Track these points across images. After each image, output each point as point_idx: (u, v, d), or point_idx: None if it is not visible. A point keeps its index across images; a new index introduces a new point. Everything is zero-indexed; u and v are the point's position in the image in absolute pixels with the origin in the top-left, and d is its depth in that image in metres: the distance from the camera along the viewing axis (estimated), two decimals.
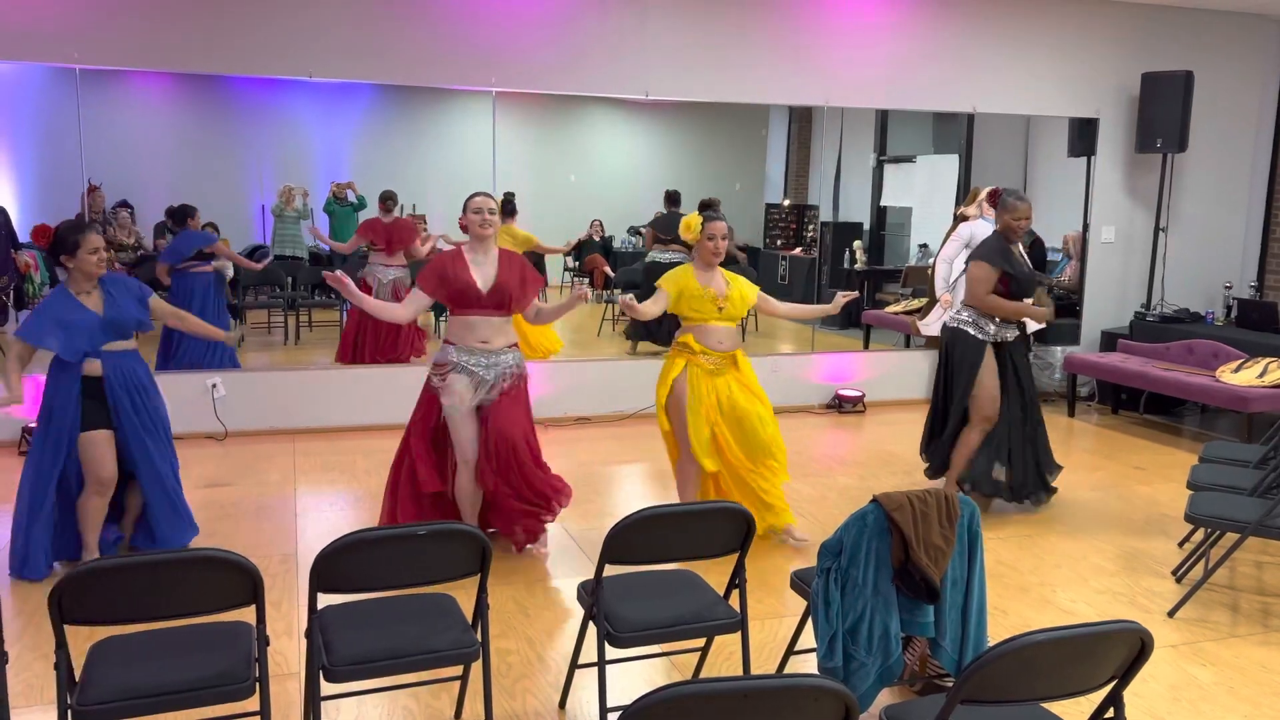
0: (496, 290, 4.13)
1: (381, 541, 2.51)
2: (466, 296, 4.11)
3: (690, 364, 4.48)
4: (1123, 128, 7.86)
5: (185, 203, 6.83)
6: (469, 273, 4.13)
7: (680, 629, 2.75)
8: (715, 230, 4.41)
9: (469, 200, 4.20)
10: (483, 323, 4.16)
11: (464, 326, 4.16)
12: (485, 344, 4.17)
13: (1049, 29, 7.57)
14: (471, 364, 4.15)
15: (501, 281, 4.14)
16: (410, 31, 6.31)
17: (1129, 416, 7.43)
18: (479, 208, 4.16)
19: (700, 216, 4.46)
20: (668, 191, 8.18)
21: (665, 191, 8.19)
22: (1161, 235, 7.86)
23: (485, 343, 4.17)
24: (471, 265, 4.14)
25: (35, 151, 7.35)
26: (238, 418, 6.27)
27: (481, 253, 4.18)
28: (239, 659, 2.42)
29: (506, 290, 4.14)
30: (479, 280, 4.12)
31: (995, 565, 4.32)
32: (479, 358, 4.16)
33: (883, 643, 2.63)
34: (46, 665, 3.24)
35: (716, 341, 4.46)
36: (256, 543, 4.40)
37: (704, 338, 4.46)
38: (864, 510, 2.65)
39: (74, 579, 2.24)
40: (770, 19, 6.97)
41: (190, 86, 7.59)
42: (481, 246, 4.18)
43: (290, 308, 7.96)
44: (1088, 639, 1.97)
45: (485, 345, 4.17)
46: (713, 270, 4.49)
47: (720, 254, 4.43)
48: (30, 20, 5.71)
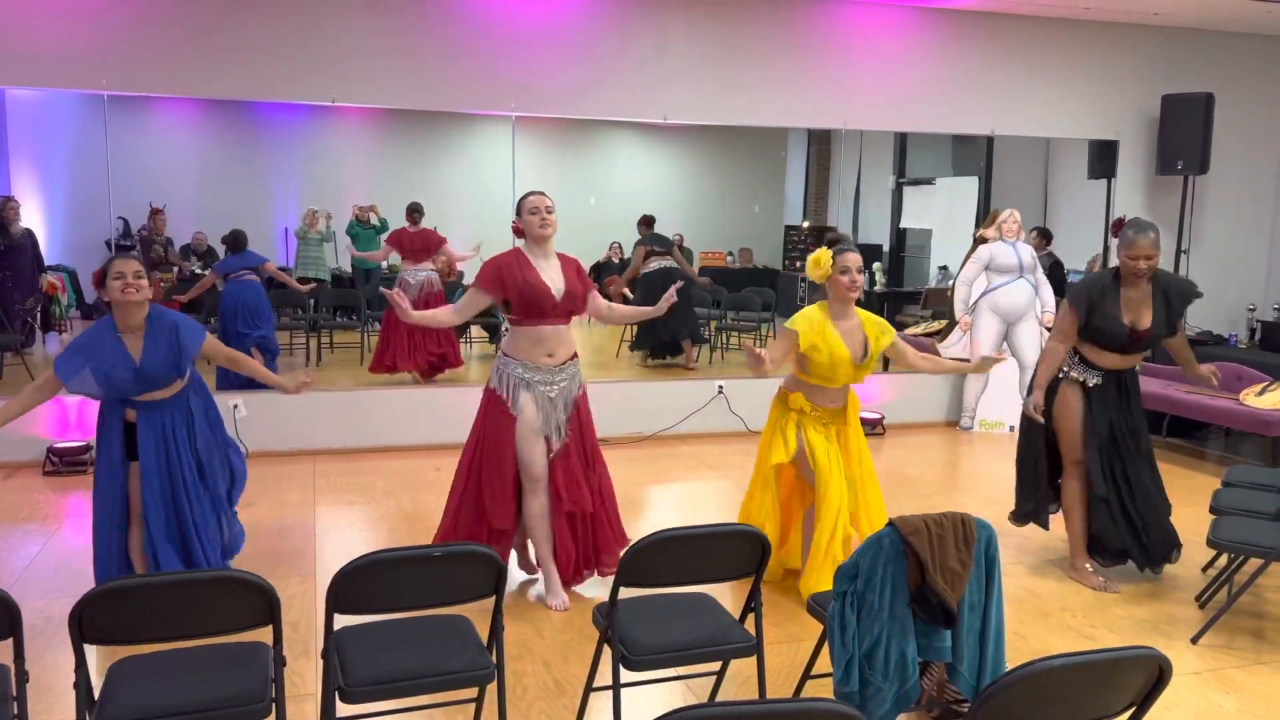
0: (569, 296, 3.85)
1: (398, 563, 2.52)
2: (540, 304, 3.78)
3: (802, 423, 4.00)
4: (1143, 150, 7.84)
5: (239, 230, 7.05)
6: (538, 275, 3.79)
7: (696, 652, 2.74)
8: (850, 262, 3.86)
9: (524, 200, 3.90)
10: (553, 334, 3.86)
11: (532, 340, 3.84)
12: (552, 357, 3.88)
13: (1068, 51, 7.57)
14: (537, 380, 3.86)
15: (571, 287, 3.86)
16: (432, 57, 6.39)
17: (1151, 440, 7.35)
18: (535, 206, 3.85)
19: (830, 251, 3.91)
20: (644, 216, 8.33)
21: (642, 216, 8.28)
22: (1183, 257, 7.81)
23: (552, 356, 3.88)
24: (539, 269, 3.81)
25: (64, 175, 7.48)
26: (259, 438, 6.32)
27: (543, 256, 3.86)
28: (256, 679, 2.43)
29: (576, 295, 3.87)
30: (553, 286, 3.80)
31: (1014, 590, 4.28)
32: (545, 374, 3.87)
33: (899, 667, 2.61)
34: (66, 685, 3.27)
35: (831, 400, 3.99)
36: (276, 563, 4.42)
37: (817, 396, 3.97)
38: (880, 534, 2.64)
39: (94, 598, 2.27)
40: (788, 42, 7.01)
41: (216, 111, 7.72)
42: (542, 250, 3.86)
43: (312, 329, 8.04)
44: (1105, 665, 1.96)
45: (551, 360, 3.88)
46: (849, 311, 3.95)
47: (858, 290, 3.90)
48: (62, 48, 5.82)
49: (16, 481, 5.66)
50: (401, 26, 6.33)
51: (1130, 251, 3.99)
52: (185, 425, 3.81)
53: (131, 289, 3.55)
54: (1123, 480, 4.24)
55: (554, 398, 3.90)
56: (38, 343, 7.30)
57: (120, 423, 3.77)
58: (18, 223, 6.75)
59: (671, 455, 6.56)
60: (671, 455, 6.56)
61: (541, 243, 3.87)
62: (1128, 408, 4.25)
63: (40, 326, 7.28)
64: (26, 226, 6.85)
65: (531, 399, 3.86)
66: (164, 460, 3.75)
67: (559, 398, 3.92)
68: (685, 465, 6.32)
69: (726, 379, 7.27)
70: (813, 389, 3.99)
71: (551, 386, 3.89)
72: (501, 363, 3.92)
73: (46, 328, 7.39)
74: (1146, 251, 3.96)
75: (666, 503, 5.59)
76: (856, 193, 8.62)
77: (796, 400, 4.02)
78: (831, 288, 3.95)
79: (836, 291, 3.93)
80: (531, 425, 3.87)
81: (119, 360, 3.58)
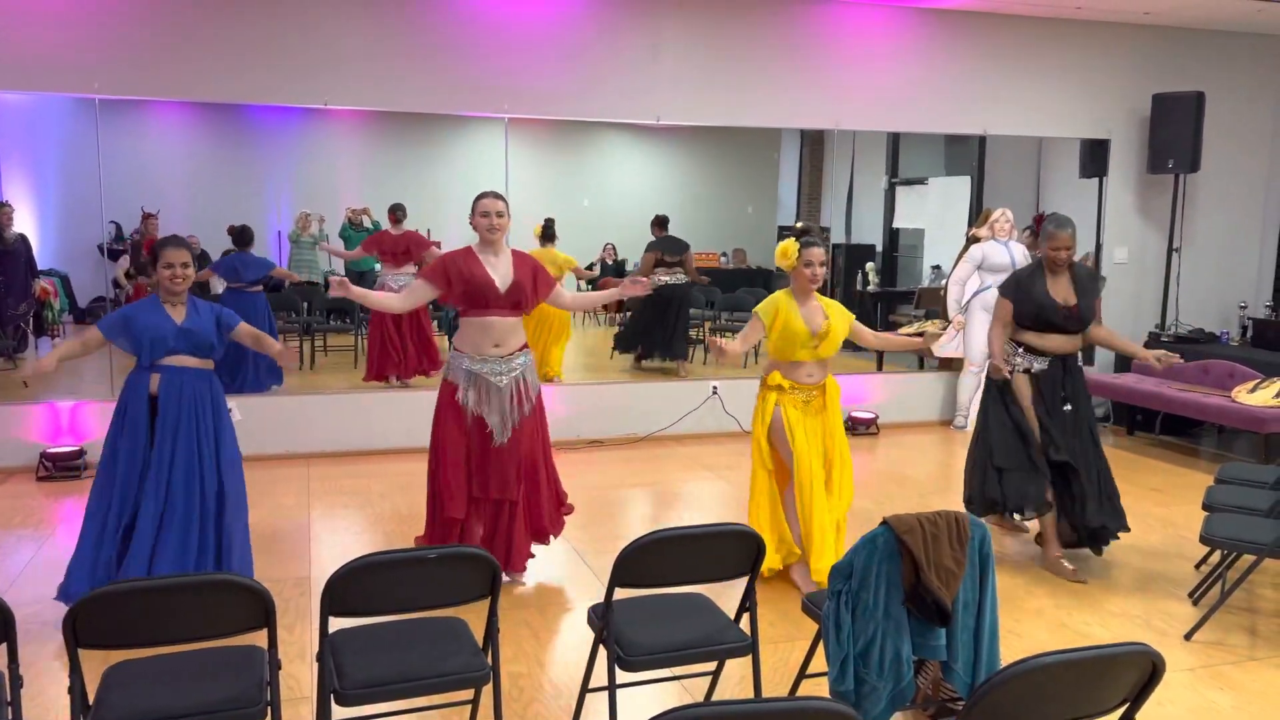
0: (515, 288, 4.01)
1: (393, 565, 2.52)
2: (484, 295, 3.98)
3: (781, 401, 4.29)
4: (1134, 149, 7.86)
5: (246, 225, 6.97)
6: (484, 270, 4.00)
7: (691, 652, 2.74)
8: (813, 257, 4.23)
9: (477, 201, 4.06)
10: (499, 324, 4.03)
11: (479, 330, 4.03)
12: (499, 348, 4.05)
13: (1059, 51, 7.60)
14: (485, 371, 4.03)
15: (519, 279, 4.03)
16: (424, 60, 6.39)
17: (1144, 438, 7.38)
18: (487, 210, 4.02)
19: (797, 242, 4.29)
20: (658, 216, 8.20)
21: (655, 216, 8.20)
22: (1175, 256, 7.84)
23: (499, 346, 4.04)
24: (487, 265, 4.02)
25: (56, 180, 7.46)
26: (253, 442, 6.30)
27: (493, 253, 4.06)
28: (251, 683, 2.43)
29: (523, 288, 4.03)
30: (496, 278, 4.00)
31: (1008, 588, 4.29)
32: (493, 364, 4.04)
33: (894, 666, 2.62)
34: (60, 689, 3.26)
35: (806, 375, 4.29)
36: (271, 566, 4.41)
37: (792, 373, 4.30)
38: (874, 533, 2.65)
39: (88, 603, 2.26)
40: (780, 43, 7.02)
41: (208, 115, 7.70)
42: (491, 248, 4.06)
43: (306, 332, 8.03)
44: (1098, 661, 1.96)
45: (499, 350, 4.05)
46: (811, 299, 4.33)
47: (818, 281, 4.26)
48: (52, 52, 5.81)
49: (10, 487, 5.64)
50: (394, 29, 6.33)
51: (1053, 244, 4.48)
52: (210, 402, 3.88)
53: (179, 279, 3.79)
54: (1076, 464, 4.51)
55: (503, 387, 4.05)
56: (30, 348, 7.28)
57: (146, 394, 3.79)
58: (11, 228, 6.73)
59: (666, 456, 6.57)
60: (666, 456, 6.57)
61: (490, 243, 4.06)
62: (1074, 396, 4.58)
63: (33, 332, 7.26)
64: (20, 232, 6.83)
65: (472, 392, 4.04)
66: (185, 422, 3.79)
67: (509, 387, 4.06)
68: (680, 465, 6.32)
69: (721, 379, 7.27)
70: (784, 366, 4.31)
71: (501, 376, 4.04)
72: (453, 356, 4.10)
73: (39, 333, 7.36)
74: (1066, 243, 4.47)
75: (661, 503, 5.60)
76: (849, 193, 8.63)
77: (774, 378, 4.32)
78: (795, 278, 4.30)
79: (799, 282, 4.30)
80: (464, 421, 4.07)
81: (163, 320, 3.80)
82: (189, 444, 3.81)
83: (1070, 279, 4.53)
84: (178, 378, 3.81)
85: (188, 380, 3.83)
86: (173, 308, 3.83)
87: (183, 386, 3.81)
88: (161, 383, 3.79)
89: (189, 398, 3.82)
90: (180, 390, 3.81)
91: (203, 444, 3.84)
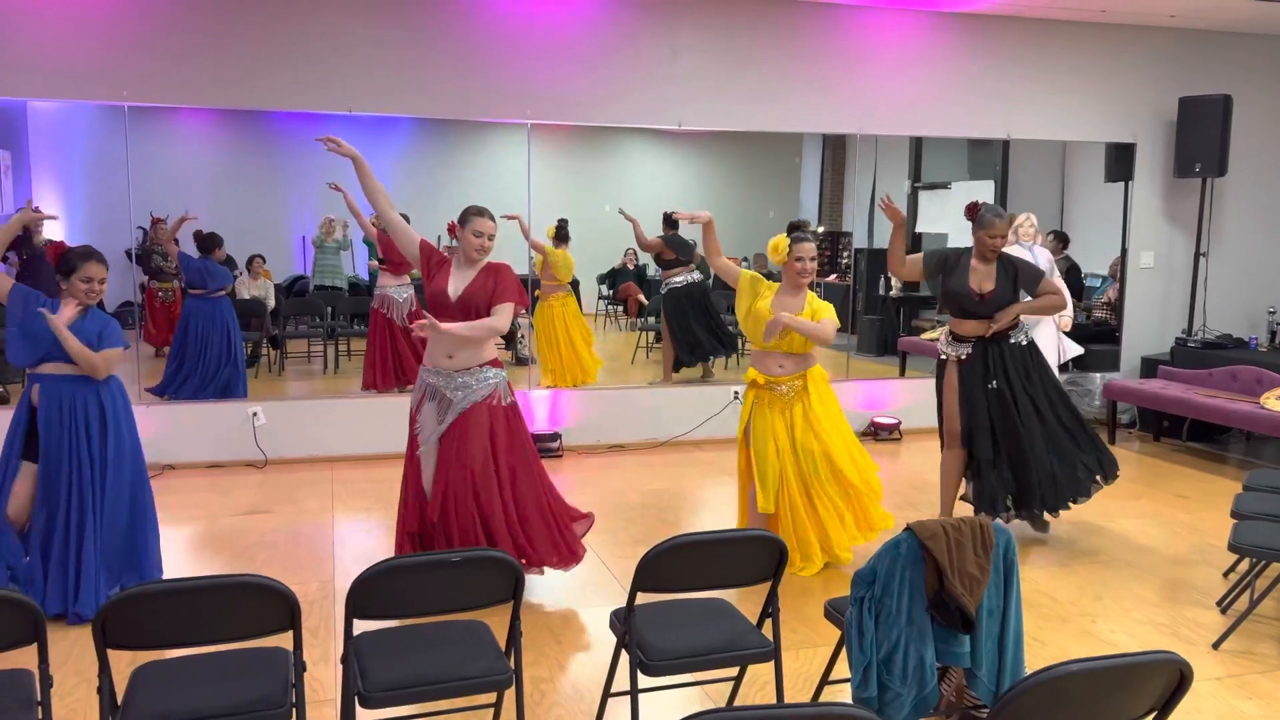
0: (464, 299, 3.96)
1: (416, 568, 2.54)
2: (436, 302, 3.98)
3: (757, 400, 4.42)
4: (1161, 152, 7.79)
5: (214, 232, 6.95)
6: (446, 280, 4.01)
7: (713, 658, 2.74)
8: (804, 251, 4.33)
9: (473, 218, 4.02)
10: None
11: (434, 339, 3.99)
12: (451, 359, 3.98)
13: (1084, 54, 7.55)
14: (440, 384, 4.00)
15: (471, 289, 3.96)
16: (447, 67, 6.43)
17: (1171, 444, 7.31)
18: (479, 230, 4.00)
19: (788, 237, 4.38)
20: (666, 214, 8.16)
21: (664, 214, 8.16)
22: (1202, 260, 7.76)
23: (451, 358, 3.98)
24: (452, 275, 4.02)
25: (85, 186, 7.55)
26: (277, 445, 6.36)
27: (467, 266, 4.05)
28: (276, 684, 2.45)
29: (474, 300, 3.96)
30: (451, 287, 3.99)
31: (1033, 595, 4.25)
32: (445, 377, 3.99)
33: (917, 673, 2.60)
34: (89, 689, 3.30)
35: (777, 366, 4.38)
36: (294, 569, 4.45)
37: (761, 363, 4.41)
38: (897, 539, 2.64)
39: (118, 604, 2.29)
40: (803, 48, 7.01)
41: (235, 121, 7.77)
42: (469, 263, 4.05)
43: (329, 337, 8.08)
44: (1125, 670, 1.95)
45: (450, 362, 3.98)
46: (799, 293, 4.40)
47: (809, 276, 4.36)
48: (83, 60, 5.89)
49: None
50: (417, 36, 6.37)
51: (989, 231, 4.65)
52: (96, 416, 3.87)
53: (95, 294, 3.84)
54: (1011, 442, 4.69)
55: (455, 402, 3.99)
56: None
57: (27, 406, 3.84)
58: (40, 234, 6.81)
59: (687, 461, 6.56)
60: (687, 461, 6.56)
61: (471, 262, 4.05)
62: (1026, 377, 4.73)
63: None
64: (49, 238, 6.91)
65: (430, 410, 4.02)
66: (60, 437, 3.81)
67: (461, 402, 3.98)
68: (701, 471, 6.32)
69: (742, 385, 7.25)
70: (755, 355, 4.44)
71: (455, 391, 3.98)
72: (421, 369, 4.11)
73: None
74: (1002, 232, 4.66)
75: (682, 508, 5.59)
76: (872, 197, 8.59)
77: (750, 373, 4.45)
78: (785, 272, 4.42)
79: (789, 276, 4.41)
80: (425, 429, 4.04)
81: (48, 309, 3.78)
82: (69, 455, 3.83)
83: (997, 269, 4.71)
84: (56, 388, 3.82)
85: (66, 390, 3.83)
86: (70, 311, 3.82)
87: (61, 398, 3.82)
88: (41, 393, 3.83)
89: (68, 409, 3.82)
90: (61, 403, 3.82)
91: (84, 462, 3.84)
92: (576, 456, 6.67)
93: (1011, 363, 4.73)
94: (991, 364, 4.72)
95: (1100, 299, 8.29)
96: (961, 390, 4.76)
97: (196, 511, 5.33)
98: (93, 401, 3.87)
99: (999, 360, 4.73)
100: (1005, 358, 4.73)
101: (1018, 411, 4.68)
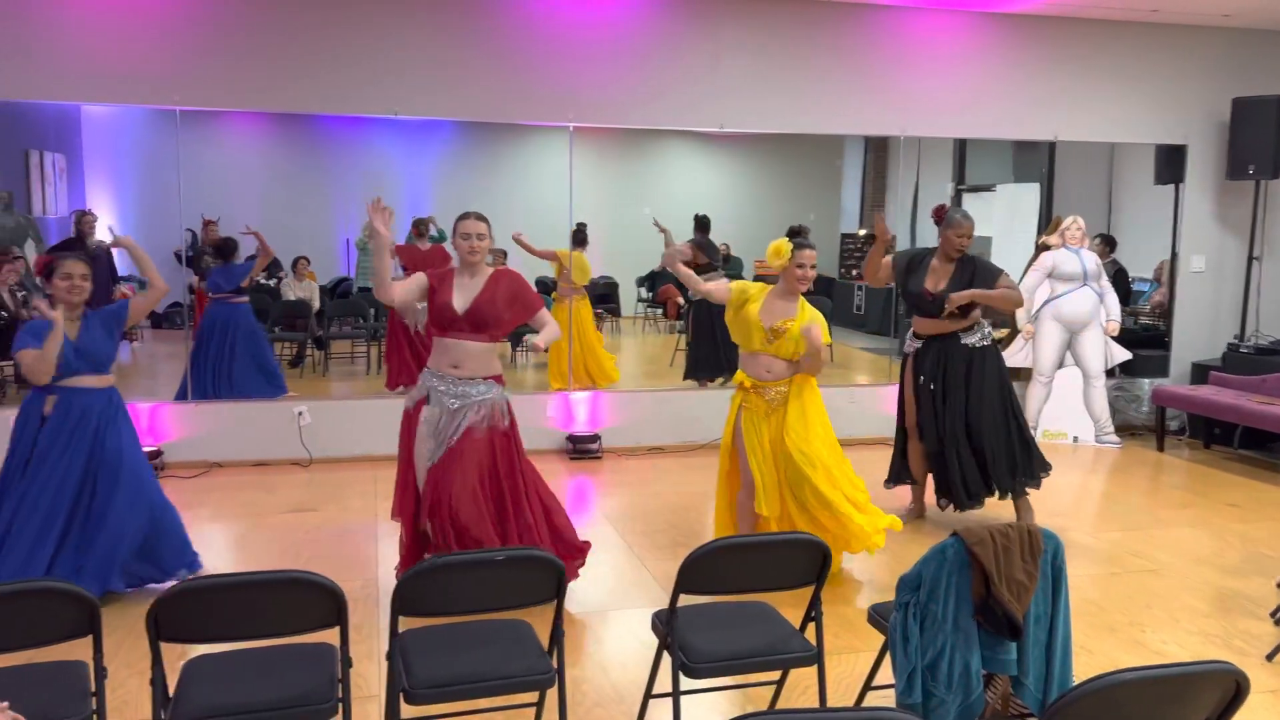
0: (473, 312, 3.92)
1: (461, 567, 2.56)
2: (443, 316, 3.95)
3: (743, 405, 4.38)
4: (1213, 154, 7.64)
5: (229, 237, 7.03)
6: (450, 292, 3.96)
7: (755, 661, 2.73)
8: (806, 258, 4.28)
9: (458, 222, 4.01)
10: (455, 345, 3.95)
11: (439, 349, 4.00)
12: (456, 369, 3.96)
13: (1133, 54, 7.43)
14: (441, 389, 3.96)
15: (479, 302, 3.93)
16: (491, 70, 6.48)
17: (1222, 452, 7.16)
18: (467, 232, 3.97)
19: (790, 242, 4.33)
20: (697, 217, 8.06)
21: (695, 216, 8.09)
22: (1255, 264, 7.60)
23: (456, 367, 3.96)
24: (456, 286, 3.98)
25: (136, 188, 7.70)
26: (321, 445, 6.44)
27: (469, 275, 4.00)
28: (323, 679, 2.48)
29: (483, 313, 3.93)
30: (457, 301, 3.94)
31: (1082, 603, 4.19)
32: (449, 384, 3.96)
33: (963, 679, 2.57)
34: (140, 681, 3.36)
35: (765, 370, 4.32)
36: (338, 567, 4.50)
37: (748, 366, 4.37)
38: (944, 544, 2.61)
39: (170, 598, 2.33)
40: (845, 49, 6.98)
41: (281, 125, 7.89)
42: (469, 269, 4.01)
43: (373, 338, 8.17)
44: (1178, 680, 1.91)
45: (456, 371, 3.96)
46: (792, 299, 4.34)
47: (807, 283, 4.30)
48: (135, 65, 6.01)
49: None
50: (461, 40, 6.43)
51: (957, 231, 4.87)
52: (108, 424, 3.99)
53: (77, 290, 3.89)
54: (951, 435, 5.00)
55: (455, 409, 3.96)
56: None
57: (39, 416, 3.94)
58: (94, 235, 6.96)
59: None
60: None
61: (469, 265, 4.01)
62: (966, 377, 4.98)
63: None
64: (101, 239, 7.07)
65: (432, 413, 3.99)
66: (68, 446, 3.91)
67: (461, 410, 3.95)
68: None
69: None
70: (744, 357, 4.41)
71: (454, 399, 3.96)
72: (422, 373, 4.11)
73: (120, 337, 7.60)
74: (967, 231, 4.88)
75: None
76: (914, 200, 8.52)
77: (738, 375, 4.43)
78: (785, 277, 4.33)
79: (788, 281, 4.33)
80: (423, 430, 4.01)
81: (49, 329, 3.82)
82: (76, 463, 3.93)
83: (956, 267, 4.90)
84: (71, 399, 3.93)
85: (79, 401, 3.95)
86: (68, 323, 3.89)
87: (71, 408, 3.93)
88: (57, 404, 3.92)
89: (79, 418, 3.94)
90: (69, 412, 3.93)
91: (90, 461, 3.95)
92: (615, 458, 6.68)
93: (953, 361, 4.99)
94: (932, 361, 5.01)
95: (1147, 304, 8.15)
96: (914, 386, 5.09)
97: (243, 509, 5.41)
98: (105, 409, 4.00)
99: (941, 358, 5.01)
100: (949, 356, 5.00)
101: (945, 407, 5.00)
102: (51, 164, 7.29)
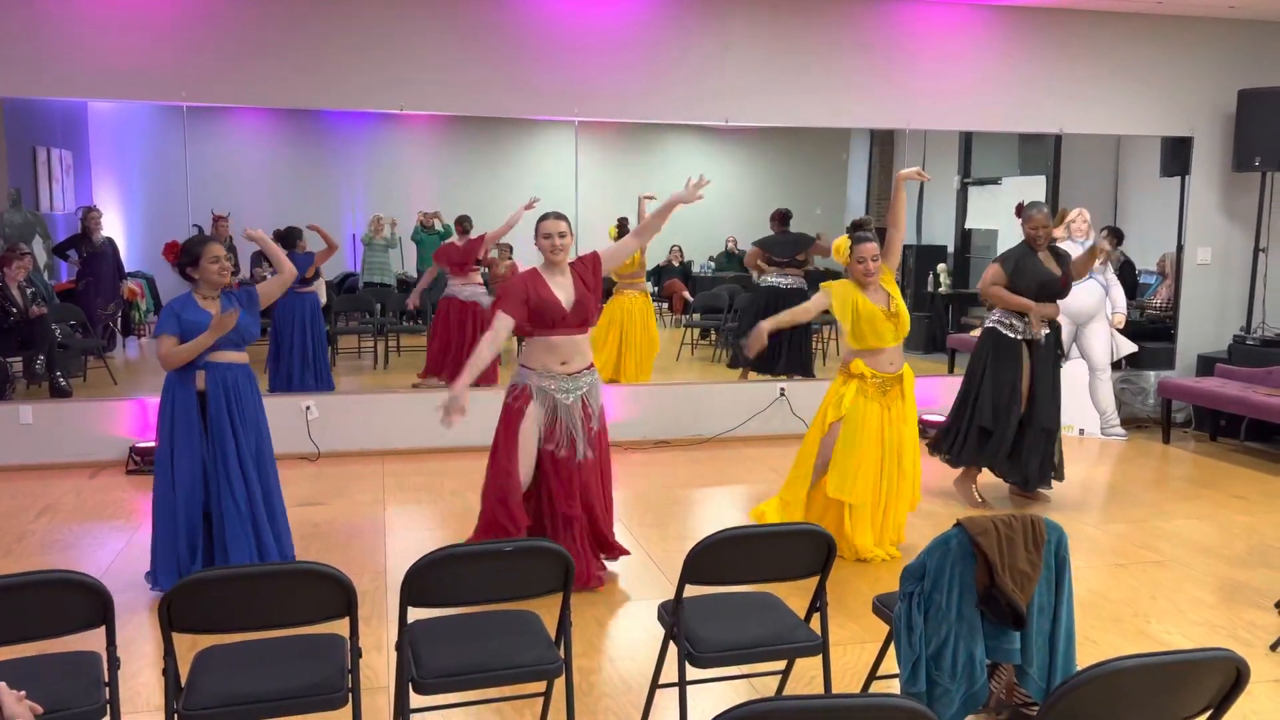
0: (579, 306, 4.07)
1: (470, 557, 2.58)
2: (550, 315, 4.02)
3: (860, 391, 4.44)
4: (1219, 146, 7.63)
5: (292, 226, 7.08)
6: (550, 291, 4.05)
7: (761, 650, 2.75)
8: (865, 252, 4.38)
9: (539, 223, 4.13)
10: (566, 343, 4.08)
11: (546, 349, 4.07)
12: (566, 365, 4.09)
13: (1139, 46, 7.41)
14: (552, 388, 4.07)
15: (579, 295, 4.08)
16: (496, 65, 6.49)
17: (1228, 444, 7.16)
18: (549, 232, 4.08)
19: (849, 239, 4.46)
20: (778, 211, 7.92)
21: (775, 211, 7.96)
22: (1261, 256, 7.58)
23: (566, 364, 4.09)
24: (552, 285, 4.07)
25: (143, 185, 7.74)
26: (330, 439, 6.47)
27: (558, 273, 4.12)
28: (333, 670, 2.51)
29: (585, 304, 4.09)
30: (562, 298, 4.05)
31: (1086, 594, 4.20)
32: (560, 381, 4.09)
33: (967, 669, 2.59)
34: (152, 673, 3.40)
35: (888, 363, 4.46)
36: (347, 560, 4.53)
37: (875, 361, 4.45)
38: (947, 534, 2.63)
39: (182, 589, 2.36)
40: (850, 42, 6.97)
41: (288, 120, 7.92)
42: (556, 268, 4.12)
43: (379, 333, 8.20)
44: (1180, 666, 1.93)
45: (565, 367, 4.09)
46: (877, 289, 4.46)
47: (872, 275, 4.40)
48: (142, 62, 6.04)
49: (101, 480, 5.87)
50: (467, 35, 6.44)
51: (1030, 223, 5.20)
52: (251, 393, 4.09)
53: (225, 270, 3.99)
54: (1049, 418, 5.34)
55: (570, 404, 4.08)
56: (118, 346, 7.56)
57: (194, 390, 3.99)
58: (100, 231, 7.00)
59: (733, 457, 6.57)
60: (733, 457, 6.57)
61: (554, 264, 4.12)
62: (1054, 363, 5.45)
63: (120, 331, 7.54)
64: (108, 235, 7.10)
65: (540, 408, 4.08)
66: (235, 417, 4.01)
67: (575, 405, 4.10)
68: (747, 467, 6.32)
69: (788, 381, 7.24)
70: (867, 354, 4.45)
71: (568, 394, 4.08)
72: (519, 374, 4.16)
73: (126, 332, 7.64)
74: (1041, 222, 5.17)
75: (729, 503, 5.60)
76: (920, 193, 8.53)
77: (857, 365, 4.44)
78: (850, 273, 4.49)
79: (854, 275, 4.47)
80: (530, 433, 4.09)
81: (205, 317, 3.95)
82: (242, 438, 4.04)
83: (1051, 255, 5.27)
84: (222, 374, 4.00)
85: (230, 376, 4.03)
86: (208, 301, 3.99)
87: (226, 382, 4.01)
88: (208, 379, 3.98)
89: (234, 393, 4.02)
90: (224, 386, 4.00)
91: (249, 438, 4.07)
92: (622, 451, 6.70)
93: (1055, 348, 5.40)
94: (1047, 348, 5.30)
95: (1152, 296, 8.14)
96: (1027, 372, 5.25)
97: None
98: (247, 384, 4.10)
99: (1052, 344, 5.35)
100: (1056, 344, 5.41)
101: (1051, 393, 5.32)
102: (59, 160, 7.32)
